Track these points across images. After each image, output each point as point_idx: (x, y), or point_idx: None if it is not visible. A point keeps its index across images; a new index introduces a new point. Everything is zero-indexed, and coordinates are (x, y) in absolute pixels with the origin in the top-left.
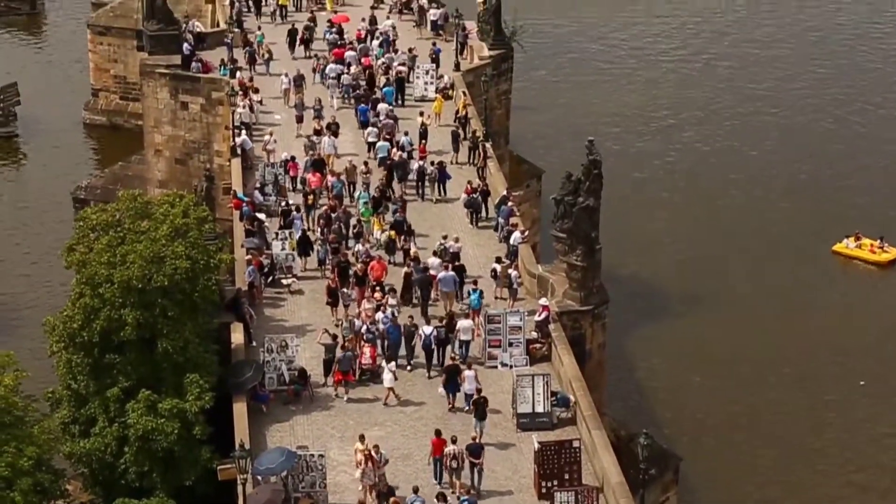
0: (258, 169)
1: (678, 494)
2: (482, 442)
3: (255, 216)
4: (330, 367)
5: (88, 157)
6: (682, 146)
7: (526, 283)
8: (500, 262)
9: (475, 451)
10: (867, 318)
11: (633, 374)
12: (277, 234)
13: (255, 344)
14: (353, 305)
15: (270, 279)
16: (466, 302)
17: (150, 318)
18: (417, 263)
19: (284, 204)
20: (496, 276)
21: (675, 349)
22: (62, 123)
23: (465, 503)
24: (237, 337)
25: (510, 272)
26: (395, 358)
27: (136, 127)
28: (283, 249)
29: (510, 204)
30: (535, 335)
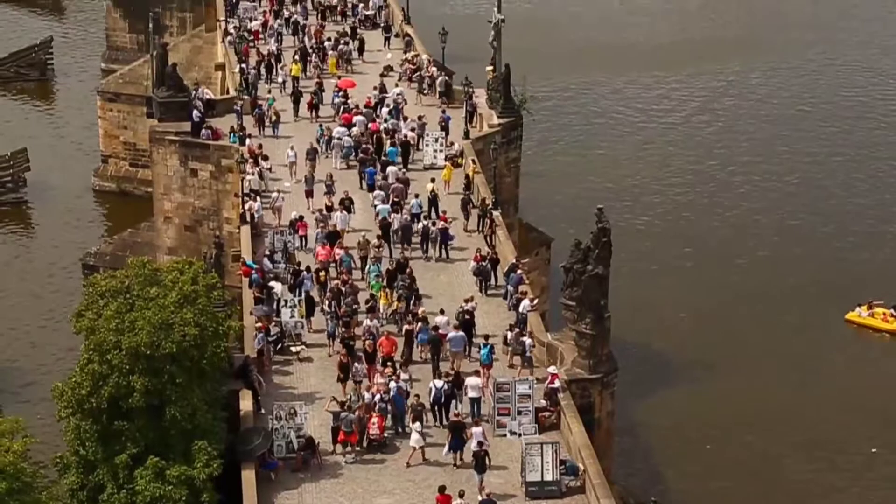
0: (267, 236)
1: None
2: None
3: (264, 284)
4: (338, 434)
5: (98, 223)
6: (692, 212)
7: (535, 350)
8: (511, 329)
9: None
10: (879, 385)
11: (642, 441)
12: (286, 301)
13: (263, 411)
14: (364, 382)
15: (279, 347)
16: (477, 357)
17: (158, 384)
18: (426, 323)
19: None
20: (507, 342)
21: (684, 416)
22: (72, 190)
23: None
24: (246, 404)
25: (524, 339)
26: (401, 427)
27: (145, 194)
28: (291, 317)
29: (519, 272)
30: (544, 403)
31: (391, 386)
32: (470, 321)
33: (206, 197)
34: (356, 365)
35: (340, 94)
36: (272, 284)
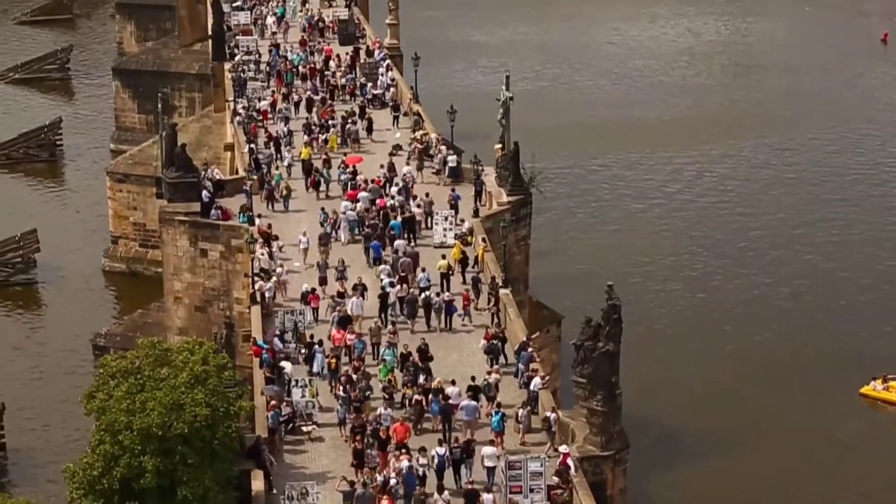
0: (277, 316)
1: None
2: None
3: (275, 363)
4: None
5: (108, 304)
6: (704, 288)
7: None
8: (523, 406)
9: None
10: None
11: None
12: (297, 381)
13: (275, 491)
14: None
15: (290, 427)
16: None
17: (169, 465)
18: (437, 395)
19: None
20: (518, 419)
21: (697, 493)
22: (82, 270)
23: None
24: (257, 484)
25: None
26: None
27: (155, 274)
28: (303, 397)
29: (530, 350)
30: (555, 481)
31: (403, 466)
32: (475, 386)
33: (216, 277)
34: (369, 451)
35: (348, 170)
36: (283, 364)
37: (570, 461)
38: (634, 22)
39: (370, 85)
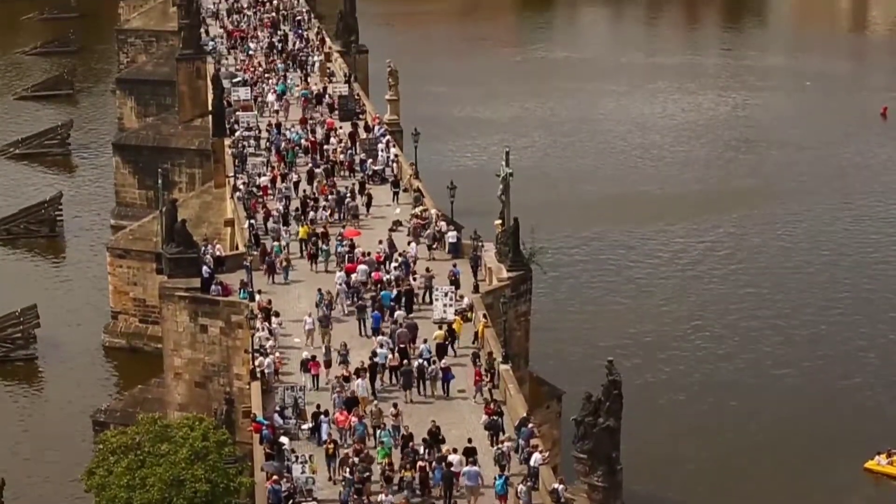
0: (278, 392)
1: None
2: None
3: (275, 440)
4: None
5: (108, 379)
6: (706, 362)
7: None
8: (524, 482)
9: None
10: None
11: None
12: (298, 457)
13: None
14: None
15: (291, 503)
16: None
17: None
18: (440, 462)
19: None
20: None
21: None
22: (82, 346)
23: None
24: None
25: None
26: None
27: (155, 350)
28: (303, 473)
29: (531, 425)
30: None
31: None
32: (472, 448)
33: (216, 353)
34: None
35: (345, 243)
36: (283, 440)
37: None
38: (636, 97)
39: (370, 161)
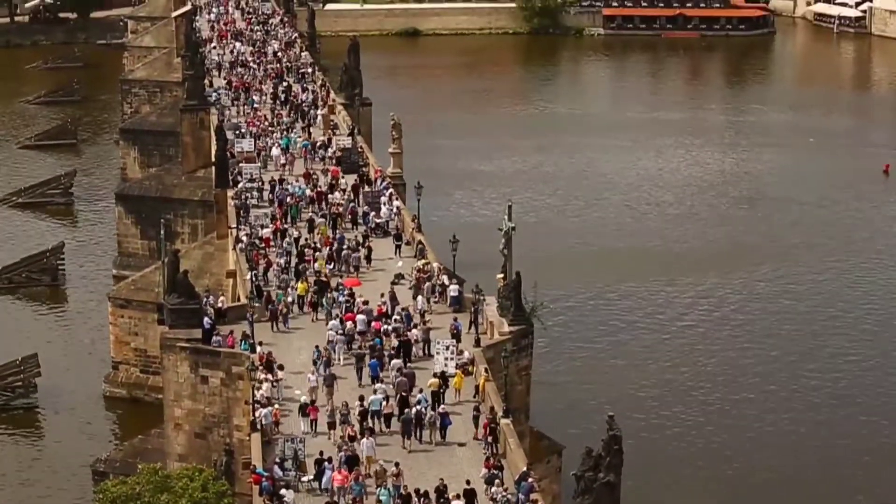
0: (278, 444)
1: None
2: None
3: (275, 492)
4: None
5: (108, 429)
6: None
7: None
8: None
9: None
10: None
11: None
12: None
13: None
14: None
15: None
16: None
17: None
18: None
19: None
20: None
21: None
22: (82, 395)
23: None
24: None
25: None
26: None
27: (156, 400)
28: None
29: (531, 480)
30: None
31: None
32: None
33: (216, 404)
34: None
35: (346, 292)
36: (283, 493)
37: None
38: (640, 152)
39: (373, 214)
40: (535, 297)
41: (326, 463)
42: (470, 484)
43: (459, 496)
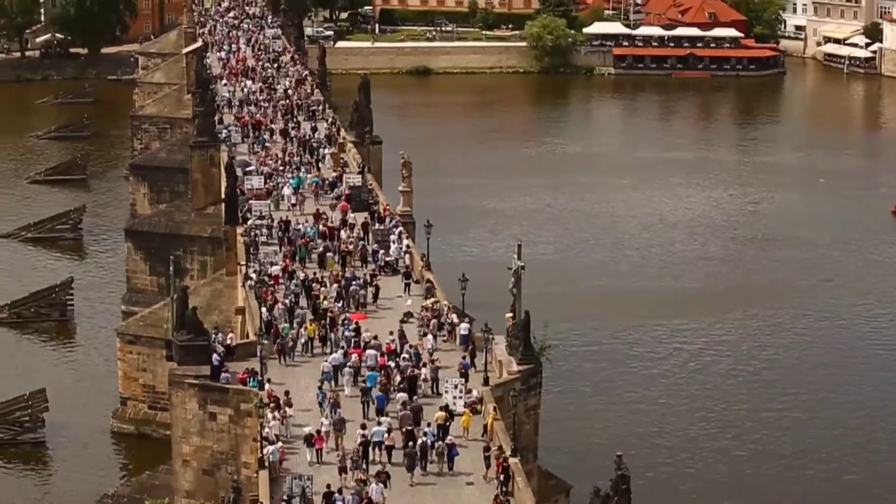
0: (286, 481)
1: None
2: None
3: None
4: None
5: (116, 465)
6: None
7: None
8: None
9: None
10: None
11: None
12: None
13: None
14: None
15: None
16: None
17: None
18: None
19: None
20: None
21: None
22: (90, 431)
23: None
24: None
25: None
26: None
27: (164, 437)
28: None
29: None
30: None
31: None
32: None
33: (224, 441)
34: None
35: (352, 326)
36: None
37: None
38: (650, 192)
39: (382, 252)
40: (544, 336)
41: (337, 494)
42: None
43: None
